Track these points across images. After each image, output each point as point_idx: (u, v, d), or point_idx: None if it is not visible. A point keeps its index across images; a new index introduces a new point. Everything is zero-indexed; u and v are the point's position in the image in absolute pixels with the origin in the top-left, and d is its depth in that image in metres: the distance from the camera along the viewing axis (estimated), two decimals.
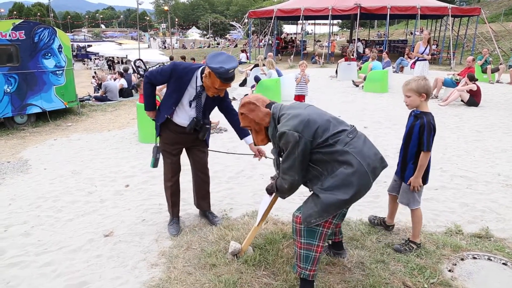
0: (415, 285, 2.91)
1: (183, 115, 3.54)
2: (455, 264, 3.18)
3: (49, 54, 9.35)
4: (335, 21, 50.58)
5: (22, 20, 9.50)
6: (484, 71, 14.19)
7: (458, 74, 11.40)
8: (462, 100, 10.07)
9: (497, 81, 14.22)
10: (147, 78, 3.54)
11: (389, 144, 6.69)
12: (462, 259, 3.24)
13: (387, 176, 5.19)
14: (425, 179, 3.37)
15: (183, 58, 20.84)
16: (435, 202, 4.43)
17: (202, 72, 3.40)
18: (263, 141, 2.95)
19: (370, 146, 2.64)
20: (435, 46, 22.26)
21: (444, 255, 3.29)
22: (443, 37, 24.83)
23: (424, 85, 3.18)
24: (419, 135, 3.22)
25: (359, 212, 4.18)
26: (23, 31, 8.75)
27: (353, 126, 2.72)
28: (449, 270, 3.09)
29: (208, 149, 3.94)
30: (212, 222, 3.96)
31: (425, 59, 10.94)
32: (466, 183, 4.99)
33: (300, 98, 9.03)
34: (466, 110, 9.51)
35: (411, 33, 30.41)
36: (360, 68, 15.29)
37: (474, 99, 9.82)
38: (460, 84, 10.27)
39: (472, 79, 9.87)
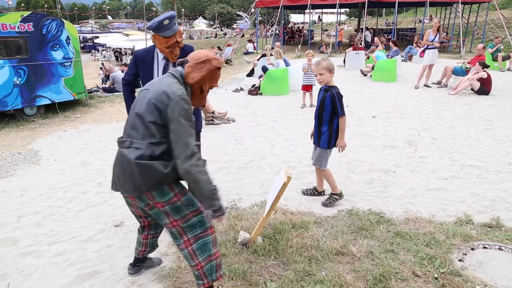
0: (425, 274, 2.91)
1: None
2: (466, 254, 3.17)
3: (57, 46, 9.36)
4: (342, 10, 50.08)
5: (30, 12, 9.50)
6: (494, 59, 14.00)
7: (468, 63, 11.25)
8: (472, 89, 9.95)
9: (508, 69, 14.03)
10: (123, 81, 3.67)
11: (397, 133, 6.65)
12: (472, 249, 3.23)
13: (396, 166, 5.19)
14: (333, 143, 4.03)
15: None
16: (444, 191, 4.41)
17: None
18: None
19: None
20: (445, 34, 21.97)
21: (454, 245, 3.28)
22: (453, 24, 24.47)
23: (332, 64, 3.93)
24: (332, 104, 3.85)
25: (368, 201, 4.18)
26: (32, 23, 8.77)
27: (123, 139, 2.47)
28: (460, 260, 3.09)
29: None
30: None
31: (435, 47, 10.80)
32: (476, 172, 4.95)
33: (307, 87, 8.97)
34: (476, 98, 9.41)
35: (420, 21, 30.03)
36: (368, 57, 15.16)
37: (484, 87, 9.70)
38: (471, 73, 10.14)
39: (485, 66, 9.74)
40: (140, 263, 3.03)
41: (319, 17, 31.75)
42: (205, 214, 2.52)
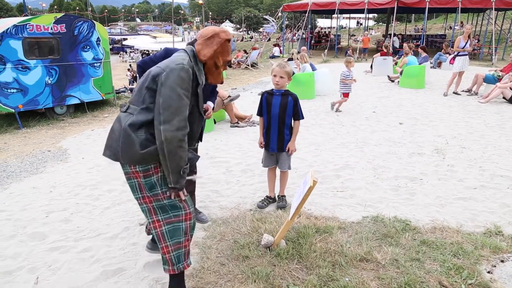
0: (451, 285, 2.83)
1: None
2: (495, 266, 3.07)
3: (88, 47, 9.61)
4: (370, 15, 49.59)
5: (63, 14, 9.79)
6: None
7: (501, 70, 10.95)
8: (504, 97, 9.68)
9: None
10: (140, 68, 3.48)
11: (425, 141, 6.52)
12: (502, 261, 3.13)
13: (423, 173, 5.09)
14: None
15: None
16: (473, 201, 4.30)
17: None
18: None
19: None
20: (477, 41, 21.47)
21: (483, 256, 3.18)
22: (485, 31, 23.89)
23: (292, 71, 4.03)
24: (294, 108, 3.89)
25: (394, 209, 4.11)
26: (64, 24, 9.03)
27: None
28: (488, 272, 2.99)
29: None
30: (199, 220, 3.87)
31: (466, 54, 10.57)
32: (507, 183, 4.80)
33: (346, 95, 8.80)
34: (509, 107, 9.14)
35: (450, 28, 29.46)
36: (396, 63, 14.95)
37: None
38: (503, 81, 9.87)
39: None
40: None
41: (358, 22, 31.45)
42: (178, 199, 2.50)
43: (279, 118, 3.93)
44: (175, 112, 2.23)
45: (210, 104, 3.56)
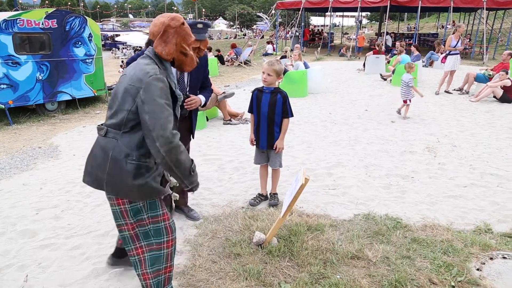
0: (441, 282, 2.86)
1: None
2: (484, 263, 3.10)
3: (80, 43, 9.52)
4: (363, 13, 49.69)
5: (55, 9, 9.68)
6: None
7: (491, 69, 11.05)
8: (494, 96, 9.77)
9: None
10: (128, 59, 3.49)
11: (416, 139, 6.56)
12: (491, 258, 3.16)
13: (414, 171, 5.12)
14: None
15: (210, 49, 20.85)
16: (463, 199, 4.33)
17: None
18: None
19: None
20: (468, 40, 21.61)
21: (473, 254, 3.21)
22: (476, 30, 24.06)
23: (282, 69, 3.96)
24: (283, 106, 3.89)
25: (385, 207, 4.13)
26: (55, 20, 8.93)
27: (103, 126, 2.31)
28: (478, 269, 3.03)
29: None
30: (191, 217, 3.88)
31: (457, 53, 10.64)
32: (497, 181, 4.85)
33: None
34: (499, 106, 9.23)
35: (442, 27, 29.62)
36: (388, 62, 15.01)
37: (507, 95, 9.50)
38: (493, 80, 9.95)
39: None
40: (118, 255, 2.96)
41: (357, 18, 31.42)
42: (163, 224, 2.40)
43: (268, 116, 3.95)
44: (164, 123, 2.12)
45: (201, 97, 3.53)
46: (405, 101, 8.13)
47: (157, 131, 2.10)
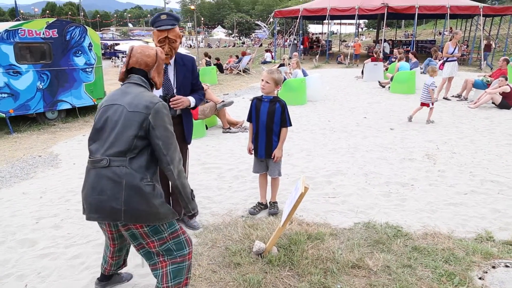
0: None
1: None
2: (486, 272, 3.09)
3: (80, 52, 9.55)
4: (361, 21, 49.96)
5: (55, 18, 9.72)
6: None
7: (490, 76, 11.09)
8: (493, 103, 9.79)
9: None
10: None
11: (415, 146, 6.56)
12: (493, 267, 3.15)
13: (414, 179, 5.12)
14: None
15: (206, 55, 20.91)
16: (464, 207, 4.33)
17: None
18: None
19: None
20: (465, 46, 21.71)
21: (474, 262, 3.20)
22: (473, 37, 24.19)
23: (281, 79, 3.97)
24: (282, 115, 3.88)
25: (385, 215, 4.12)
26: (56, 29, 8.97)
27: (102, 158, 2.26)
28: (480, 278, 3.01)
29: None
30: (190, 226, 3.86)
31: (455, 60, 10.69)
32: (497, 188, 4.85)
33: (426, 104, 8.31)
34: (498, 112, 9.25)
35: (440, 33, 29.77)
36: (386, 69, 15.07)
37: (506, 101, 9.53)
38: (492, 86, 9.99)
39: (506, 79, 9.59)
40: (106, 280, 2.93)
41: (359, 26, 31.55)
42: (183, 238, 2.46)
43: (267, 125, 3.95)
44: (175, 148, 2.34)
45: (190, 98, 3.53)
46: (426, 104, 8.27)
47: (170, 155, 2.30)
